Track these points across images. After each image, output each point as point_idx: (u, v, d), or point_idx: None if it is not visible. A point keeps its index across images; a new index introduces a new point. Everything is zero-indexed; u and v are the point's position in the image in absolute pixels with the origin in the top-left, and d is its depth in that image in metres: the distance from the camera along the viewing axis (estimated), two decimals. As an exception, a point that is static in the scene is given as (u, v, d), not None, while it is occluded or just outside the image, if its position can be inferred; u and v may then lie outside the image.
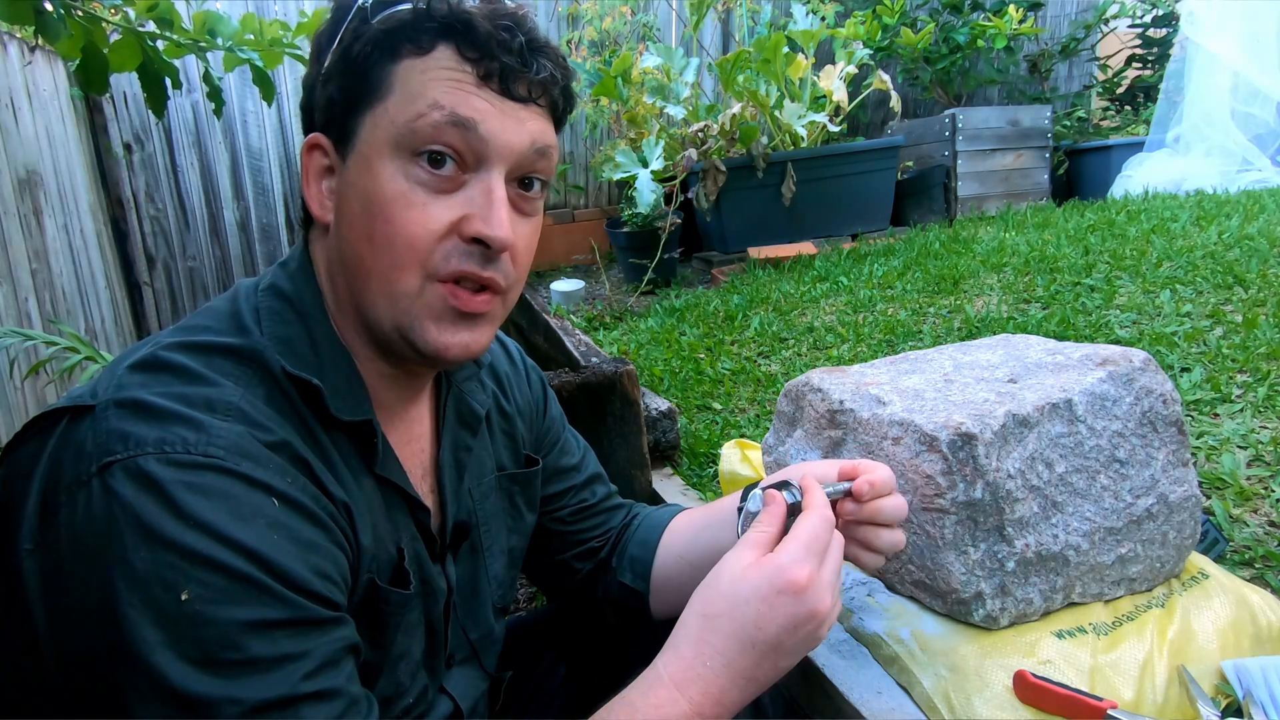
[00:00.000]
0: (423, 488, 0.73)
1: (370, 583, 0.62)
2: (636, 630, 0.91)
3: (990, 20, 4.28)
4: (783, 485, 0.68)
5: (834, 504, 0.70)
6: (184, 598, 0.48)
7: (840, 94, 3.64)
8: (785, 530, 0.65)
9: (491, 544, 0.80)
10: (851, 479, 0.72)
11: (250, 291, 0.66)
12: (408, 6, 0.61)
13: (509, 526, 0.83)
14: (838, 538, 0.66)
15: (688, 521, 0.91)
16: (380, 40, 0.60)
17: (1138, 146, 4.17)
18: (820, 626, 0.62)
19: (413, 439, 0.74)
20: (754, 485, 0.72)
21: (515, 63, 0.61)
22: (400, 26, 0.60)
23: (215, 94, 1.88)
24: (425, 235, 0.60)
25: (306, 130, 0.66)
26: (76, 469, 0.51)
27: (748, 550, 0.63)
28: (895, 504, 0.73)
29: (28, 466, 0.53)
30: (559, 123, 0.68)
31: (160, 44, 1.74)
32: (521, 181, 0.64)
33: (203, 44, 1.78)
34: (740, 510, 0.70)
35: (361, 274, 0.62)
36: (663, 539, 0.89)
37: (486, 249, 0.61)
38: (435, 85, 0.59)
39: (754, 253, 3.43)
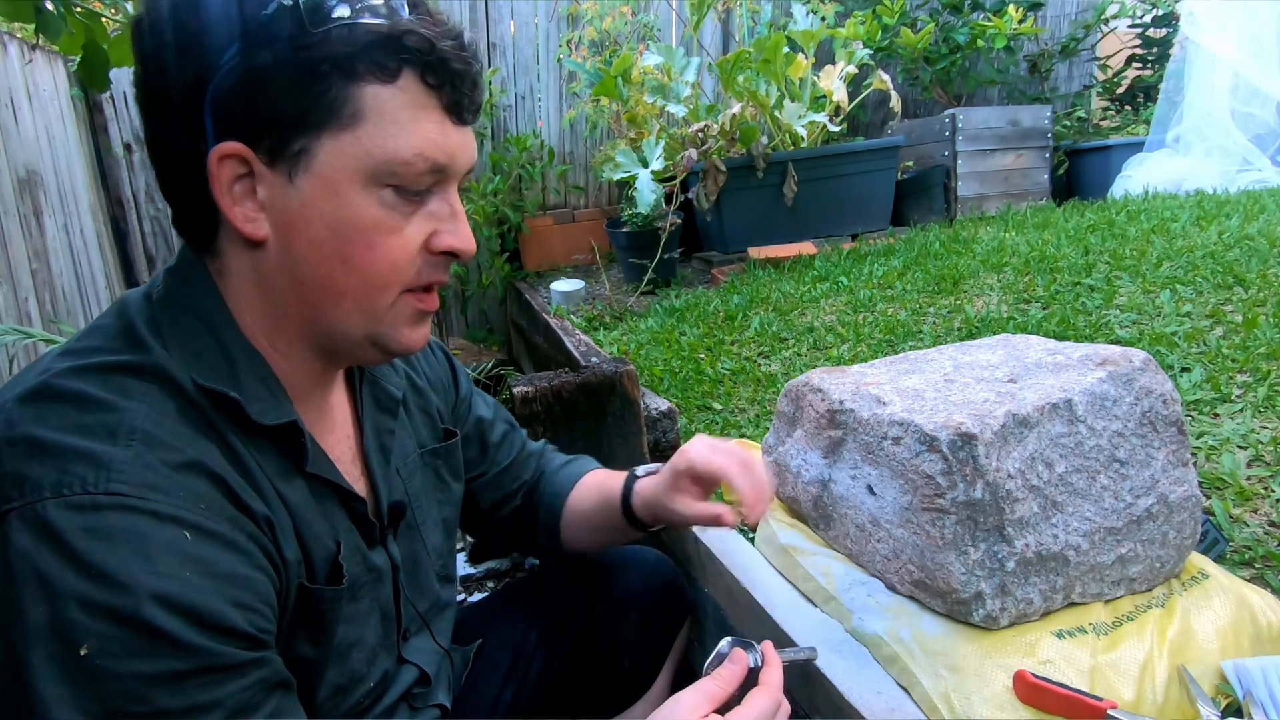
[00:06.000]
0: (352, 474, 0.73)
1: (300, 588, 0.62)
2: (606, 598, 1.03)
3: (990, 20, 4.28)
4: (749, 646, 0.74)
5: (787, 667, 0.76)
6: (84, 652, 0.47)
7: (840, 94, 3.64)
8: (741, 686, 0.70)
9: (425, 519, 0.82)
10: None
11: (141, 304, 0.62)
12: (377, 24, 0.58)
13: (438, 500, 0.85)
14: (783, 711, 0.70)
15: (589, 493, 1.00)
16: (339, 61, 0.57)
17: (1138, 146, 4.16)
18: None
19: (335, 427, 0.73)
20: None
21: (470, 91, 0.63)
22: (366, 49, 0.57)
23: None
24: (407, 258, 0.63)
25: (214, 132, 0.58)
26: None
27: (704, 701, 0.67)
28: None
29: None
30: None
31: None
32: None
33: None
34: (715, 652, 0.76)
35: (331, 293, 0.62)
36: (567, 505, 0.99)
37: (454, 258, 0.66)
38: (413, 127, 0.60)
39: (754, 253, 3.43)
